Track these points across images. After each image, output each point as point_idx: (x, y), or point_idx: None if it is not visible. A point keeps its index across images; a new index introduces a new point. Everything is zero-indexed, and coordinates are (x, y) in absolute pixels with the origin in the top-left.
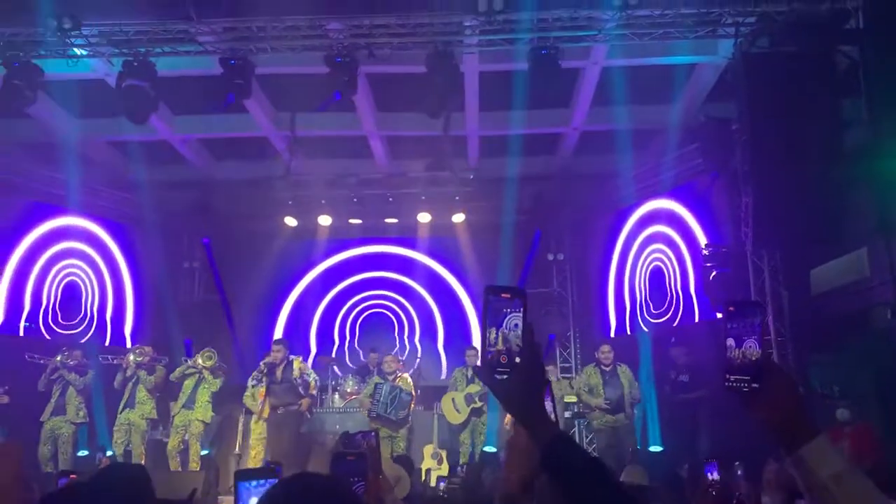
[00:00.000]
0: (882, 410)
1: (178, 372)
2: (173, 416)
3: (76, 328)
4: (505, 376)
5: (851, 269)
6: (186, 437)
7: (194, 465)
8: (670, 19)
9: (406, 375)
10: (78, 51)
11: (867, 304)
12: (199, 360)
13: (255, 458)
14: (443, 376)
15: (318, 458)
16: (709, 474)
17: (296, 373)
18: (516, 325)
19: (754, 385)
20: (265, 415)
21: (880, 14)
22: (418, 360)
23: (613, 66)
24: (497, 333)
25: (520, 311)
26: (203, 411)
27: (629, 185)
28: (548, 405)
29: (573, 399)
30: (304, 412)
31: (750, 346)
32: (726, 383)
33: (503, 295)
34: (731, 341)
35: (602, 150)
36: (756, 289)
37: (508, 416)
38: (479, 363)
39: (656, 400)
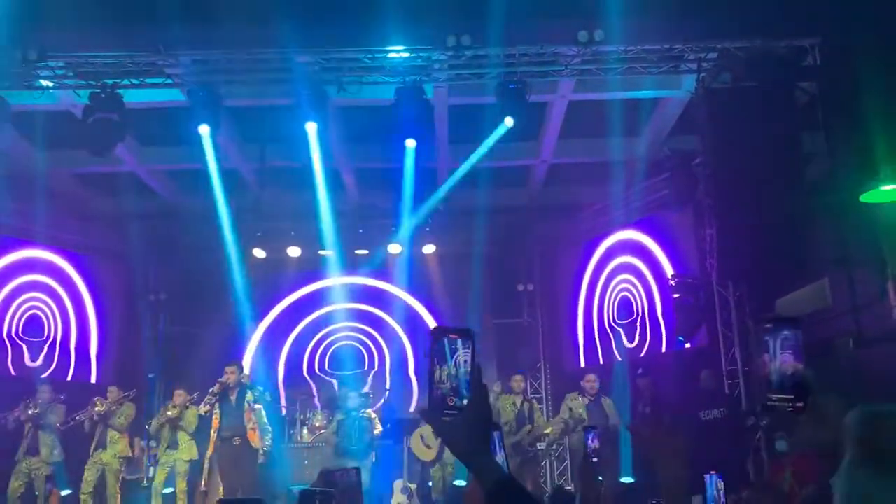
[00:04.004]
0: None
1: (153, 427)
2: (158, 456)
3: (38, 361)
4: (451, 418)
5: (814, 300)
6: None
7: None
8: (634, 55)
9: (370, 411)
10: (44, 83)
11: (830, 333)
12: (169, 413)
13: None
14: (412, 409)
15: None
16: (589, 441)
17: (249, 396)
18: (465, 363)
19: (798, 404)
20: (210, 449)
21: (835, 52)
22: (387, 392)
23: (580, 100)
24: (445, 373)
25: (468, 351)
26: (188, 450)
27: (597, 217)
28: (500, 457)
29: (549, 430)
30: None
31: (785, 361)
32: (767, 402)
33: (451, 335)
34: (766, 357)
35: (570, 182)
36: (722, 319)
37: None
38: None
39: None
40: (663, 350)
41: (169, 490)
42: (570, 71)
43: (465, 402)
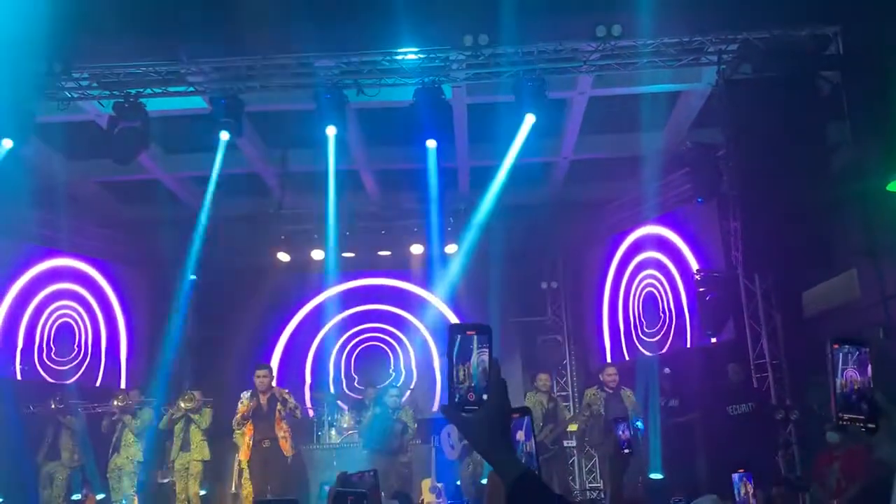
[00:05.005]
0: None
1: (163, 421)
2: (173, 461)
3: (69, 368)
4: (471, 414)
5: (842, 291)
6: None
7: None
8: (653, 48)
9: (408, 408)
10: (69, 94)
11: (860, 324)
12: (182, 404)
13: (247, 497)
14: (435, 407)
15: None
16: (620, 432)
17: (280, 407)
18: (483, 360)
19: (870, 426)
20: (244, 454)
21: (858, 39)
22: (410, 391)
23: (600, 96)
24: (464, 370)
25: (486, 347)
26: (200, 450)
27: (620, 213)
28: (530, 444)
29: (574, 428)
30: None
31: (851, 377)
32: (840, 422)
33: (468, 332)
34: (837, 376)
35: (592, 178)
36: (749, 312)
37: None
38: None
39: (660, 427)
40: (689, 345)
41: (202, 492)
42: (588, 67)
43: (484, 397)
